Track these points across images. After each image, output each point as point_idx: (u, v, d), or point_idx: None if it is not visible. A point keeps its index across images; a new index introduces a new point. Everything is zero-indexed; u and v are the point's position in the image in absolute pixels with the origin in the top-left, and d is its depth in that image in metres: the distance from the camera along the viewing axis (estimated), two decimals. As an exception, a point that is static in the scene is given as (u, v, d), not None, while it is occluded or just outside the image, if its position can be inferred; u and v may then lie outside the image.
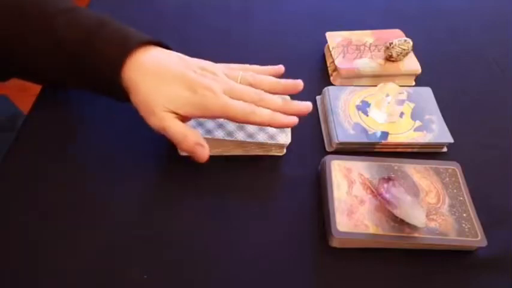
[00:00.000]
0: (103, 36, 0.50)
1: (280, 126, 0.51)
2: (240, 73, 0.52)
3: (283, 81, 0.54)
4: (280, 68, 0.56)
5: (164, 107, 0.47)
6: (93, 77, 0.51)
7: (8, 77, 0.57)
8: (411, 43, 0.63)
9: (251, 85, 0.52)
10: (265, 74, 0.54)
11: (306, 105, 0.51)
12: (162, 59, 0.50)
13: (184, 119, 0.49)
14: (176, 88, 0.48)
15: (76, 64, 0.51)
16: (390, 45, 0.63)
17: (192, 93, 0.47)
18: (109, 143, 0.55)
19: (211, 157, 0.54)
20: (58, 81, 0.56)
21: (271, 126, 0.50)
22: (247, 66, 0.56)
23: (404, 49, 0.63)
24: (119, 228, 0.48)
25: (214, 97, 0.47)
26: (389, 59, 0.63)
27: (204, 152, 0.48)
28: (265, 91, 0.52)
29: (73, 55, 0.50)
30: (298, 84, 0.53)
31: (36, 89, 0.62)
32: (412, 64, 0.64)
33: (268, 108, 0.49)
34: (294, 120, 0.50)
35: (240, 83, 0.52)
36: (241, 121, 0.49)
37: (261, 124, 0.50)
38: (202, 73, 0.50)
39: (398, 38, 0.63)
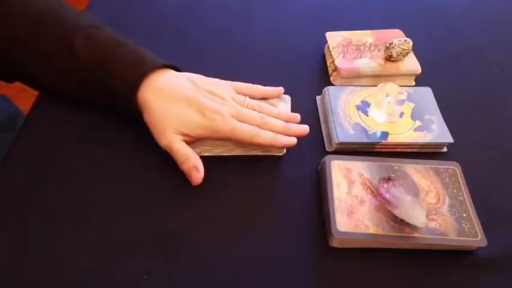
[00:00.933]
0: (120, 57, 0.52)
1: (282, 147, 0.54)
2: (246, 98, 0.56)
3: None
4: (280, 90, 0.60)
5: (175, 129, 0.51)
6: (108, 95, 0.53)
7: (15, 80, 0.59)
8: (411, 43, 0.63)
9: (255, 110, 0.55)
10: (266, 94, 0.59)
11: (304, 129, 0.55)
12: (174, 82, 0.53)
13: (192, 139, 0.52)
14: (187, 111, 0.51)
15: (91, 81, 0.53)
16: (390, 45, 0.63)
17: (202, 117, 0.51)
18: (109, 142, 0.55)
19: (211, 157, 0.54)
20: (69, 93, 0.57)
21: (273, 147, 0.53)
22: (249, 85, 0.58)
23: (404, 49, 0.63)
24: (119, 228, 0.48)
25: (223, 120, 0.51)
26: (389, 59, 0.63)
27: (198, 176, 0.50)
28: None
29: (89, 73, 0.53)
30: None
31: (36, 89, 0.62)
32: (412, 64, 0.64)
33: (271, 130, 0.53)
34: (294, 141, 0.53)
35: (246, 107, 0.55)
36: (247, 142, 0.52)
37: (264, 145, 0.53)
38: (212, 98, 0.53)
39: (398, 38, 0.63)
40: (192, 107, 0.51)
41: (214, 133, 0.52)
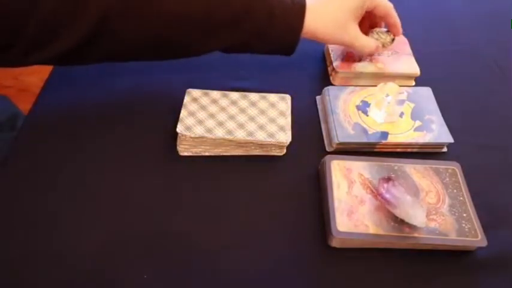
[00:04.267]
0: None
1: None
2: None
3: None
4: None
5: (352, 22, 0.59)
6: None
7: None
8: (391, 37, 0.63)
9: None
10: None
11: None
12: None
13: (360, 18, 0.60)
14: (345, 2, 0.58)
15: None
16: (371, 32, 0.63)
17: None
18: (109, 143, 0.55)
19: (211, 157, 0.54)
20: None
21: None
22: None
23: (382, 38, 0.62)
24: (119, 228, 0.48)
25: None
26: None
27: (378, 52, 0.63)
28: None
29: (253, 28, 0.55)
30: None
31: (36, 89, 0.62)
32: (411, 67, 0.64)
33: None
34: None
35: None
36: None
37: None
38: None
39: (381, 28, 0.64)
40: None
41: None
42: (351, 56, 0.64)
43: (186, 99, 0.57)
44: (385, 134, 0.56)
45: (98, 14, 0.49)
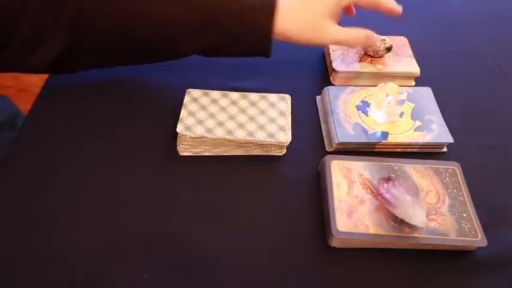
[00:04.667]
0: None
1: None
2: None
3: None
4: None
5: (329, 21, 0.57)
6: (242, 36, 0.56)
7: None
8: (385, 46, 0.63)
9: None
10: None
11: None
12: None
13: (340, 15, 0.59)
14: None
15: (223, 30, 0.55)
16: None
17: None
18: (109, 143, 0.55)
19: (211, 157, 0.54)
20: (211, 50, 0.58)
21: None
22: None
23: (376, 46, 0.63)
24: (119, 228, 0.48)
25: None
26: (366, 53, 0.64)
27: (373, 41, 0.60)
28: None
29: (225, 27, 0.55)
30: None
31: (36, 89, 0.62)
32: (411, 67, 0.64)
33: None
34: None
35: None
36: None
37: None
38: None
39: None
40: None
41: None
42: (351, 56, 0.64)
43: (186, 99, 0.57)
44: (385, 134, 0.56)
45: (75, 8, 0.50)
